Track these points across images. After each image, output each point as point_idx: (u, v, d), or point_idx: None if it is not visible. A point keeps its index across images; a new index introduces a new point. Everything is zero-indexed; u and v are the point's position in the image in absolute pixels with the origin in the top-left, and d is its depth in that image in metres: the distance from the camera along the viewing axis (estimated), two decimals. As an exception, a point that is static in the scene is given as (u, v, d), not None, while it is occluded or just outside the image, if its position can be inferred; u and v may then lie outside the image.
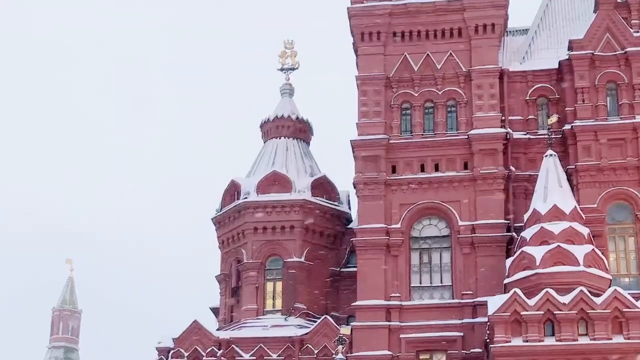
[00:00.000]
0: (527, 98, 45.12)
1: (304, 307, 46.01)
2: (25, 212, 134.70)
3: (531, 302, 36.97)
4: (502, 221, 42.75)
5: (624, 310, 36.66)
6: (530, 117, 44.84)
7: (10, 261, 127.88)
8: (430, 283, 43.19)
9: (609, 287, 37.96)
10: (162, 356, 45.40)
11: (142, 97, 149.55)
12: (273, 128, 50.86)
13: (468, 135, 43.94)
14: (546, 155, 41.44)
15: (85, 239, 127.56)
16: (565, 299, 36.82)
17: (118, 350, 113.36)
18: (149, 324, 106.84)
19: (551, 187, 40.42)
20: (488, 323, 38.18)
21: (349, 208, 49.17)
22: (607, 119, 43.20)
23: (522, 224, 40.98)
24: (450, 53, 45.27)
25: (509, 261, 39.89)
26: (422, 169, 44.14)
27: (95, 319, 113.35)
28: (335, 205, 48.60)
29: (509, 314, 37.00)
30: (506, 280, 39.28)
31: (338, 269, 47.57)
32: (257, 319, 46.06)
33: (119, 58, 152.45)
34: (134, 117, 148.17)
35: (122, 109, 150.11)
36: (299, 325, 45.01)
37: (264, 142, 51.19)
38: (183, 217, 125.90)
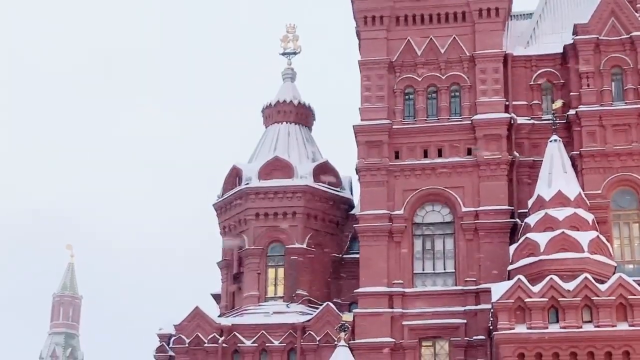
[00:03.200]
0: (532, 83, 44.75)
1: (306, 293, 45.70)
2: (25, 198, 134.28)
3: (535, 288, 36.72)
4: (506, 207, 42.44)
5: (629, 297, 36.42)
6: (534, 102, 44.47)
7: (11, 247, 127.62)
8: (433, 270, 42.94)
9: (614, 273, 37.68)
10: (163, 342, 45.20)
11: (142, 82, 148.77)
12: (275, 113, 50.44)
13: (472, 120, 43.59)
14: (551, 141, 41.11)
15: (85, 225, 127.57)
16: (570, 285, 36.57)
17: (118, 337, 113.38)
18: (149, 310, 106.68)
19: (556, 173, 40.09)
20: (491, 310, 37.92)
21: (352, 194, 48.78)
22: (612, 104, 42.84)
23: (526, 210, 40.72)
24: (454, 37, 44.87)
25: (512, 248, 39.62)
26: (425, 155, 43.80)
27: (96, 305, 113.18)
28: (338, 191, 48.24)
29: (513, 300, 36.73)
30: (510, 267, 39.01)
31: (340, 256, 47.27)
32: (259, 305, 45.77)
33: (117, 43, 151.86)
34: (134, 103, 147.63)
35: (122, 95, 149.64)
36: (300, 312, 44.76)
37: (266, 128, 50.77)
38: (184, 203, 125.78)
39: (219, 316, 46.41)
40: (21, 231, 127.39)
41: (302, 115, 50.64)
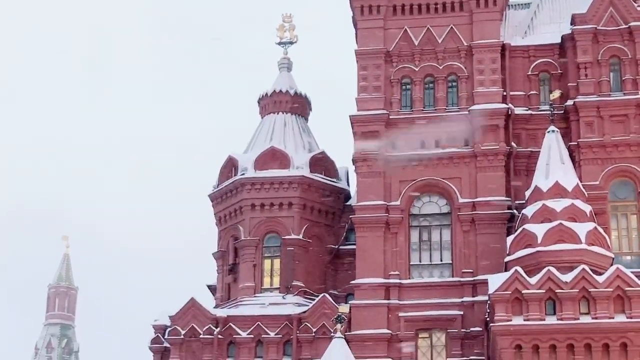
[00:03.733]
0: (529, 73, 44.47)
1: (302, 285, 45.42)
2: (20, 188, 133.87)
3: (532, 280, 36.51)
4: (503, 198, 42.20)
5: (627, 289, 36.17)
6: (532, 92, 44.20)
7: (5, 237, 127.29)
8: (430, 261, 42.70)
9: (611, 265, 37.48)
10: (158, 334, 44.94)
11: (138, 73, 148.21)
12: (271, 103, 50.10)
13: (469, 110, 43.31)
14: (548, 131, 40.86)
15: (80, 216, 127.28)
16: (567, 277, 36.36)
17: (114, 328, 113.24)
18: (146, 301, 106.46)
19: (553, 164, 39.86)
20: (488, 302, 37.72)
21: (348, 185, 48.50)
22: (610, 94, 42.56)
23: (524, 202, 40.48)
24: (452, 27, 44.53)
25: (509, 239, 39.38)
26: (422, 145, 43.50)
27: (91, 296, 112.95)
28: (334, 181, 47.94)
29: (510, 292, 36.53)
30: (507, 259, 38.79)
31: (337, 247, 46.96)
32: (255, 296, 45.51)
33: (111, 31, 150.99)
34: (129, 93, 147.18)
35: (118, 86, 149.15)
36: (297, 303, 44.47)
37: (262, 118, 50.46)
38: (180, 194, 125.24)
39: (214, 307, 46.15)
40: (17, 222, 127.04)
41: (299, 106, 50.29)
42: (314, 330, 42.78)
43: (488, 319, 38.34)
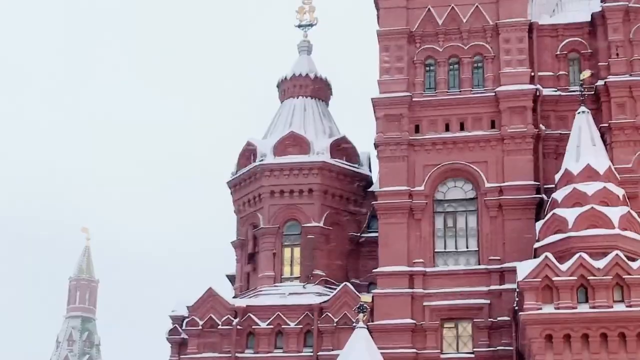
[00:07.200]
0: (558, 53, 43.05)
1: (323, 274, 44.28)
2: (41, 182, 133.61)
3: (563, 267, 35.15)
4: (532, 182, 40.79)
5: (663, 275, 34.72)
6: (561, 72, 42.76)
7: (27, 231, 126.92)
8: (456, 248, 41.41)
9: (646, 251, 36.08)
10: (176, 325, 43.84)
11: (156, 58, 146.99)
12: (290, 87, 48.90)
13: (495, 92, 41.90)
14: (578, 112, 39.48)
15: (100, 208, 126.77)
16: (600, 263, 34.99)
17: (135, 320, 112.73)
18: (167, 293, 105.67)
19: (584, 146, 38.46)
20: (517, 290, 36.46)
21: (370, 170, 47.29)
22: (642, 74, 41.11)
23: (553, 185, 39.09)
24: (477, 6, 43.06)
25: (539, 224, 38.04)
26: (447, 128, 42.18)
27: (113, 289, 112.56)
28: (356, 167, 46.73)
29: (540, 279, 35.20)
30: (536, 245, 37.46)
31: (358, 234, 45.74)
32: (275, 286, 44.39)
33: (126, 18, 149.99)
34: (148, 82, 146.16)
35: (136, 75, 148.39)
36: (317, 292, 43.32)
37: (281, 102, 49.32)
38: (199, 181, 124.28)
39: (233, 297, 45.08)
40: (37, 215, 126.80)
41: (319, 89, 49.04)
42: (336, 320, 41.63)
43: (516, 307, 37.05)
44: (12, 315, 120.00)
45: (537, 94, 41.74)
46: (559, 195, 37.80)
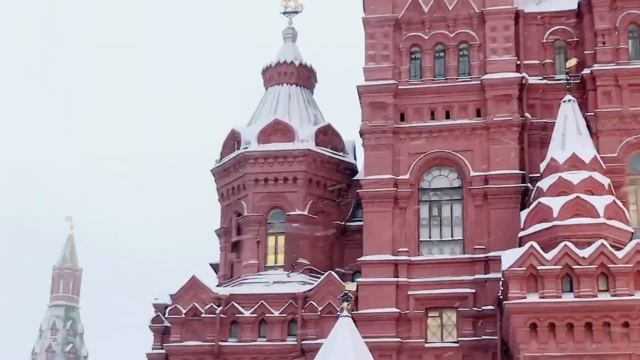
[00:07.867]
0: (544, 41, 42.73)
1: (307, 262, 43.98)
2: (24, 169, 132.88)
3: (548, 256, 34.90)
4: (517, 171, 40.55)
5: (648, 264, 34.54)
6: (547, 61, 42.45)
7: (10, 219, 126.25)
8: (440, 237, 41.14)
9: (631, 240, 35.84)
10: (158, 313, 43.49)
11: (140, 47, 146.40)
12: (275, 74, 48.49)
13: (481, 80, 41.61)
14: (564, 101, 39.12)
15: (84, 197, 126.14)
16: (585, 252, 34.76)
17: (119, 309, 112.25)
18: (151, 282, 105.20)
19: (570, 135, 38.18)
20: (502, 279, 36.15)
21: (355, 159, 46.97)
22: (628, 62, 40.76)
23: (538, 175, 38.81)
24: (463, -7, 42.85)
25: (524, 213, 37.79)
26: (433, 116, 41.87)
27: (96, 278, 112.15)
28: (341, 155, 46.37)
29: (525, 268, 34.94)
30: (521, 234, 37.20)
31: (343, 223, 45.41)
32: (258, 274, 44.09)
33: (112, 12, 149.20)
34: (132, 72, 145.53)
35: (118, 60, 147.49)
36: (301, 281, 43.04)
37: (266, 90, 48.90)
38: (182, 169, 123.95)
39: (217, 286, 44.73)
40: (20, 203, 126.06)
41: (304, 77, 48.65)
42: (320, 309, 41.37)
43: (501, 296, 36.81)
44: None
45: (523, 82, 41.43)
46: (544, 184, 37.56)
